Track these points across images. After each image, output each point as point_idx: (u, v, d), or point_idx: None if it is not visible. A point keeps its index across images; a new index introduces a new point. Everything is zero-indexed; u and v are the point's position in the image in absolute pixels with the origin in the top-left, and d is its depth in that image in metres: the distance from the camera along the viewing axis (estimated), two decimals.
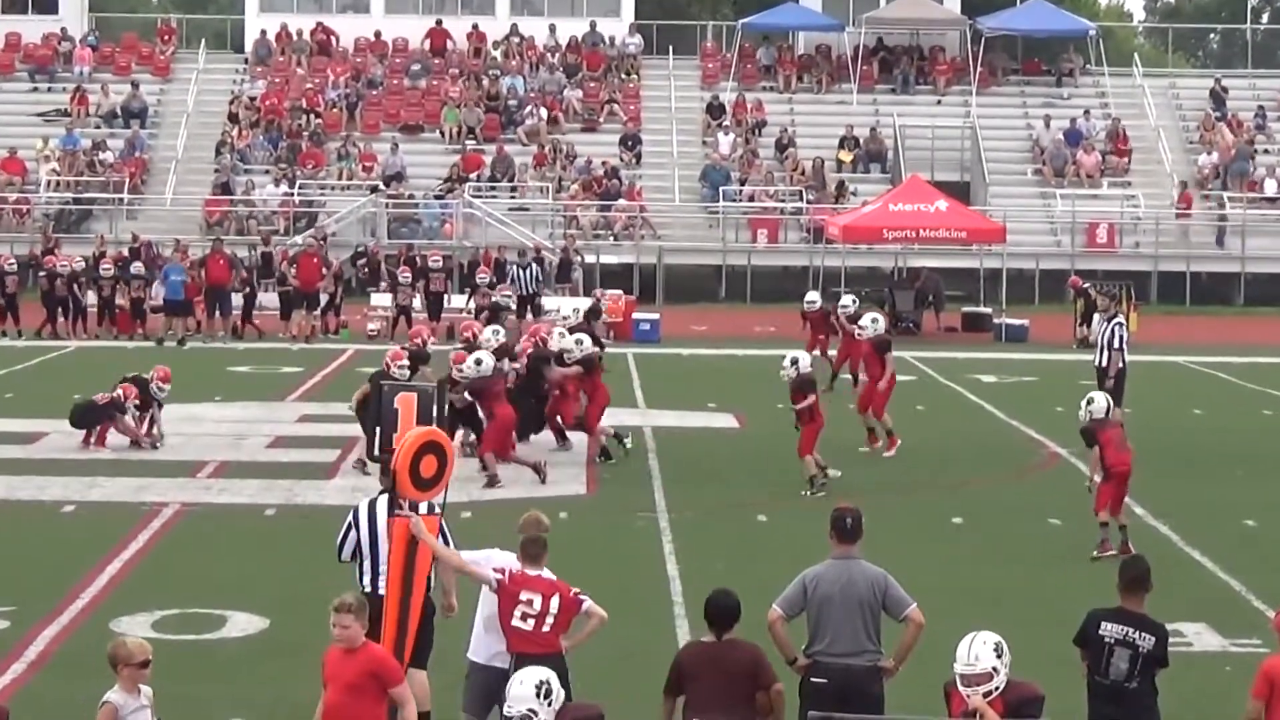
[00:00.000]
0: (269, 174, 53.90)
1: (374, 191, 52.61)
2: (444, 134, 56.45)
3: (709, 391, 32.29)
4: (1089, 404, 19.74)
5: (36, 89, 58.45)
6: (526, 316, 38.76)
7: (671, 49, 61.19)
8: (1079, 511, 20.28)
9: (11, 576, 18.05)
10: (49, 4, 61.46)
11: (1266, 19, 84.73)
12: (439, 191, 53.11)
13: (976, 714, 10.15)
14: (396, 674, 10.64)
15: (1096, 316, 31.19)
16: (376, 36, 60.36)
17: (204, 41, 61.49)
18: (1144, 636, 11.15)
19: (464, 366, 23.55)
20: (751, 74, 60.24)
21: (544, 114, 56.77)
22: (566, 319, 28.46)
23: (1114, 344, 27.79)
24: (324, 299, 41.55)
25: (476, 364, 23.40)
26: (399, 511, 11.78)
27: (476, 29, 60.12)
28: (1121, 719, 11.14)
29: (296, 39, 59.98)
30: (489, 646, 11.92)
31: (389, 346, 29.33)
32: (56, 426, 26.61)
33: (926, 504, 22.54)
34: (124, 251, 43.24)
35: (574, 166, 54.52)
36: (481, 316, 34.07)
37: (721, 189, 53.34)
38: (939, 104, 58.57)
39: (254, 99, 57.24)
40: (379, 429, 12.83)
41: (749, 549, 19.42)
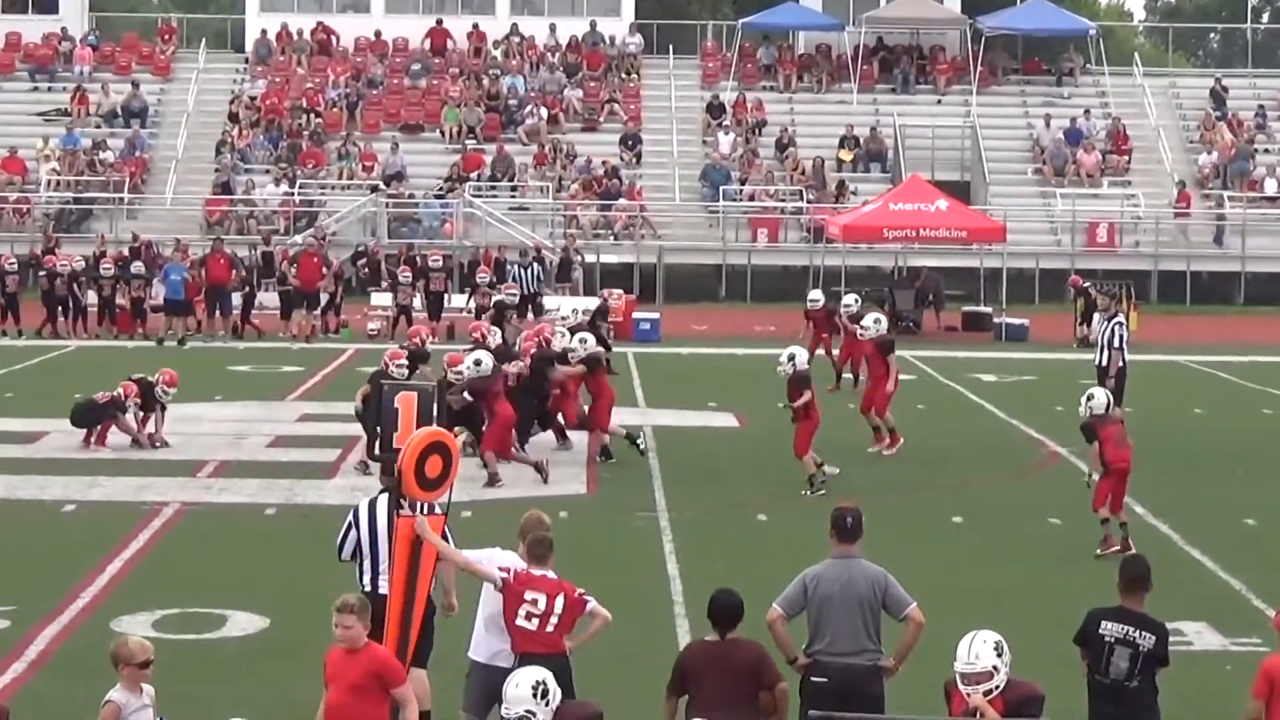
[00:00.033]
0: (269, 173, 53.90)
1: (374, 191, 52.60)
2: (444, 133, 56.45)
3: (709, 391, 32.28)
4: (1089, 400, 19.76)
5: (37, 88, 58.45)
6: (527, 316, 38.74)
7: (672, 48, 61.19)
8: (1079, 511, 20.27)
9: (12, 576, 18.04)
10: (49, 3, 61.45)
11: (1267, 18, 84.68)
12: (439, 191, 53.11)
13: (977, 713, 10.16)
14: (399, 674, 10.64)
15: (1097, 316, 31.18)
16: (377, 36, 60.36)
17: (204, 41, 61.51)
18: (1144, 635, 11.15)
19: (462, 367, 23.54)
20: (752, 73, 60.23)
21: (544, 113, 56.76)
22: (566, 319, 28.44)
23: (1114, 343, 27.78)
24: (324, 298, 41.58)
25: (476, 364, 23.37)
26: (402, 512, 11.77)
27: (477, 28, 60.12)
28: (1122, 718, 11.14)
29: (297, 38, 59.98)
30: (490, 645, 11.92)
31: (389, 346, 29.33)
32: (57, 426, 26.61)
33: (926, 503, 22.54)
34: (124, 251, 43.24)
35: (574, 166, 54.51)
36: (486, 316, 34.03)
37: (722, 188, 53.33)
38: (939, 103, 58.56)
39: (254, 98, 57.23)
40: (379, 428, 12.83)
41: (749, 548, 19.42)
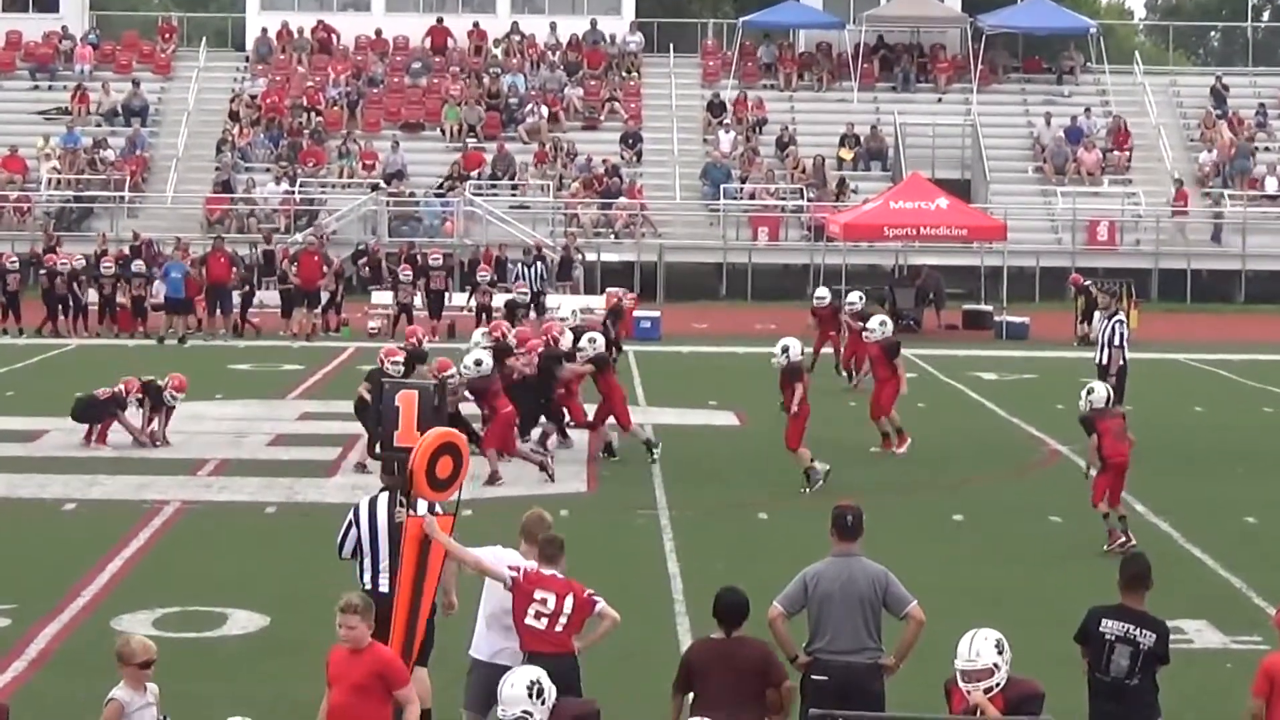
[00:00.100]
0: (270, 172, 53.90)
1: (375, 189, 52.60)
2: (445, 132, 56.44)
3: (709, 389, 32.28)
4: (1089, 393, 19.82)
5: (37, 87, 58.43)
6: (530, 315, 38.72)
7: (672, 47, 61.17)
8: (1080, 509, 20.27)
9: (12, 574, 18.05)
10: (50, 2, 61.43)
11: (1267, 17, 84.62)
12: (440, 190, 53.09)
13: (977, 710, 10.16)
14: (403, 675, 10.63)
15: (1097, 314, 31.19)
16: (377, 34, 60.35)
17: (205, 39, 61.51)
18: (1145, 633, 11.15)
19: (462, 368, 23.47)
20: (752, 72, 60.22)
21: (545, 112, 56.74)
22: (565, 320, 28.39)
23: (1115, 341, 27.78)
24: (325, 297, 41.60)
25: (476, 364, 23.39)
26: (412, 512, 11.77)
27: (477, 27, 60.12)
28: (1122, 716, 11.15)
29: (297, 37, 59.96)
30: (491, 644, 11.93)
31: (390, 345, 29.30)
32: (57, 424, 26.60)
33: (927, 502, 22.54)
34: (125, 249, 43.24)
35: (575, 164, 54.49)
36: (498, 315, 33.99)
37: (722, 187, 53.33)
38: (940, 102, 58.55)
39: (255, 97, 57.22)
40: (380, 427, 12.82)
41: (749, 547, 19.42)
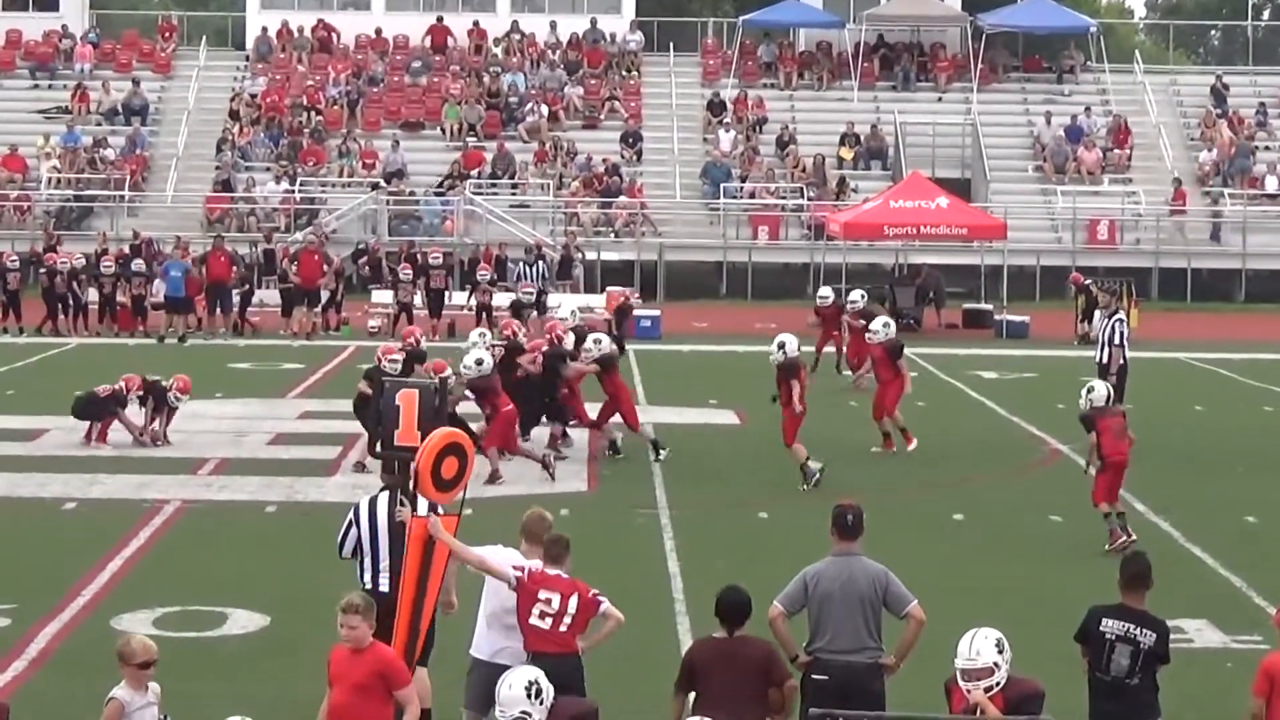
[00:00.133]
0: (270, 171, 53.90)
1: (375, 188, 52.60)
2: (445, 131, 56.43)
3: (710, 388, 32.29)
4: (1089, 392, 19.86)
5: (37, 86, 58.43)
6: (532, 314, 38.65)
7: (672, 46, 61.14)
8: (1080, 508, 20.27)
9: (12, 574, 18.04)
10: (50, 1, 61.42)
11: (1268, 16, 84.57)
12: (440, 189, 53.07)
13: (977, 709, 10.15)
14: (404, 676, 10.63)
15: (1097, 313, 31.18)
16: (377, 33, 60.34)
17: (205, 38, 61.51)
18: (1145, 633, 11.15)
19: (462, 368, 23.45)
20: (752, 71, 60.21)
21: (545, 111, 56.73)
22: (564, 320, 28.39)
23: (1115, 340, 27.77)
24: (325, 296, 41.60)
25: (477, 363, 23.40)
26: (415, 512, 11.76)
27: (477, 26, 60.10)
28: (1122, 715, 11.14)
29: (297, 36, 59.95)
30: (491, 643, 11.93)
31: (390, 344, 29.29)
32: (57, 423, 26.60)
33: (927, 501, 22.54)
34: (125, 249, 43.23)
35: (575, 163, 54.48)
36: (498, 314, 33.93)
37: (722, 186, 53.32)
38: (940, 101, 58.54)
39: (255, 96, 57.21)
40: (380, 426, 12.82)
41: (750, 546, 19.41)
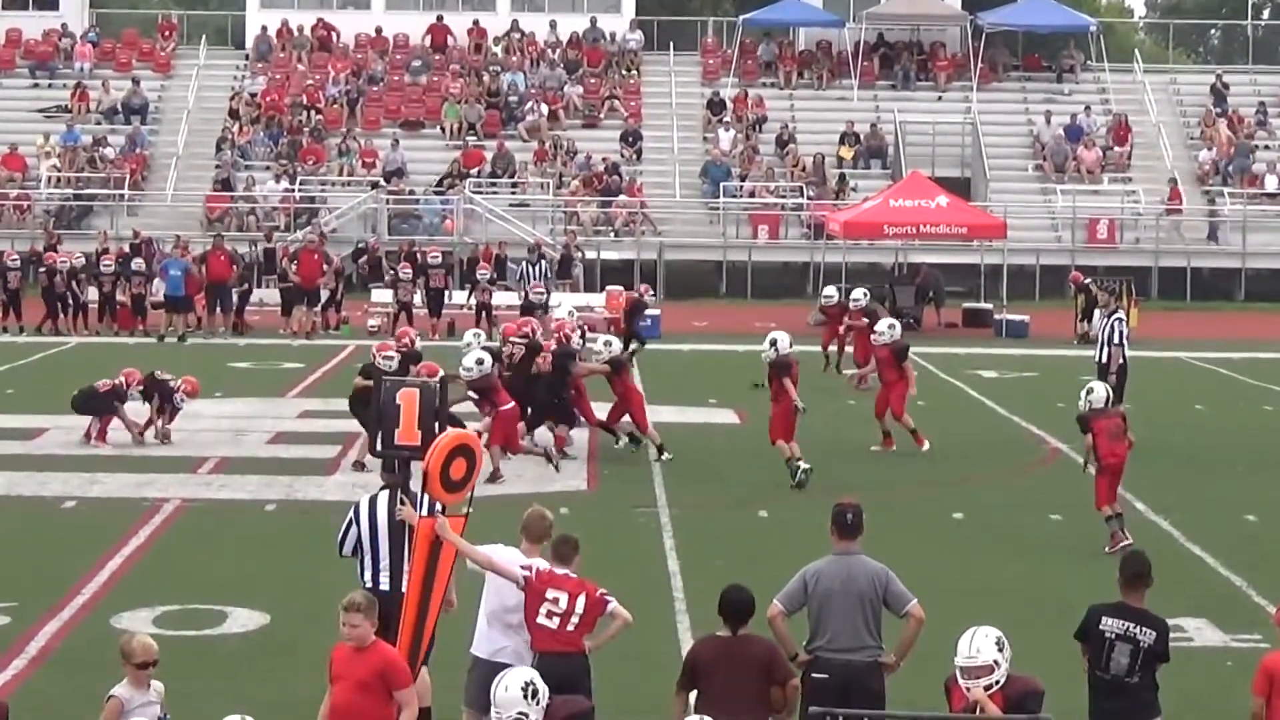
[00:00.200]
0: (270, 170, 53.91)
1: (374, 187, 52.60)
2: (444, 130, 56.44)
3: (710, 387, 32.30)
4: (1089, 393, 19.88)
5: (37, 85, 58.44)
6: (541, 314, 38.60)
7: (672, 45, 61.16)
8: (1080, 507, 20.27)
9: (12, 573, 18.04)
10: (50, 0, 61.44)
11: (1267, 15, 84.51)
12: (439, 188, 53.07)
13: (977, 707, 10.15)
14: (404, 676, 10.61)
15: (1097, 312, 31.15)
16: (377, 32, 60.34)
17: (205, 37, 61.52)
18: (1145, 632, 11.15)
19: (463, 369, 23.44)
20: (752, 70, 60.22)
21: (544, 110, 56.75)
22: (563, 320, 28.36)
23: (1115, 339, 27.77)
24: (325, 295, 41.60)
25: (478, 363, 23.40)
26: (423, 513, 11.76)
27: (477, 25, 60.10)
28: (1123, 714, 11.15)
29: (297, 35, 59.96)
30: (492, 641, 11.92)
31: (383, 341, 29.27)
32: (57, 422, 26.60)
33: (927, 500, 22.54)
34: (125, 248, 43.22)
35: (574, 162, 54.49)
36: (498, 313, 33.87)
37: (722, 185, 53.33)
38: (939, 100, 58.54)
39: (255, 95, 57.22)
40: (380, 426, 12.81)
41: (750, 544, 19.41)
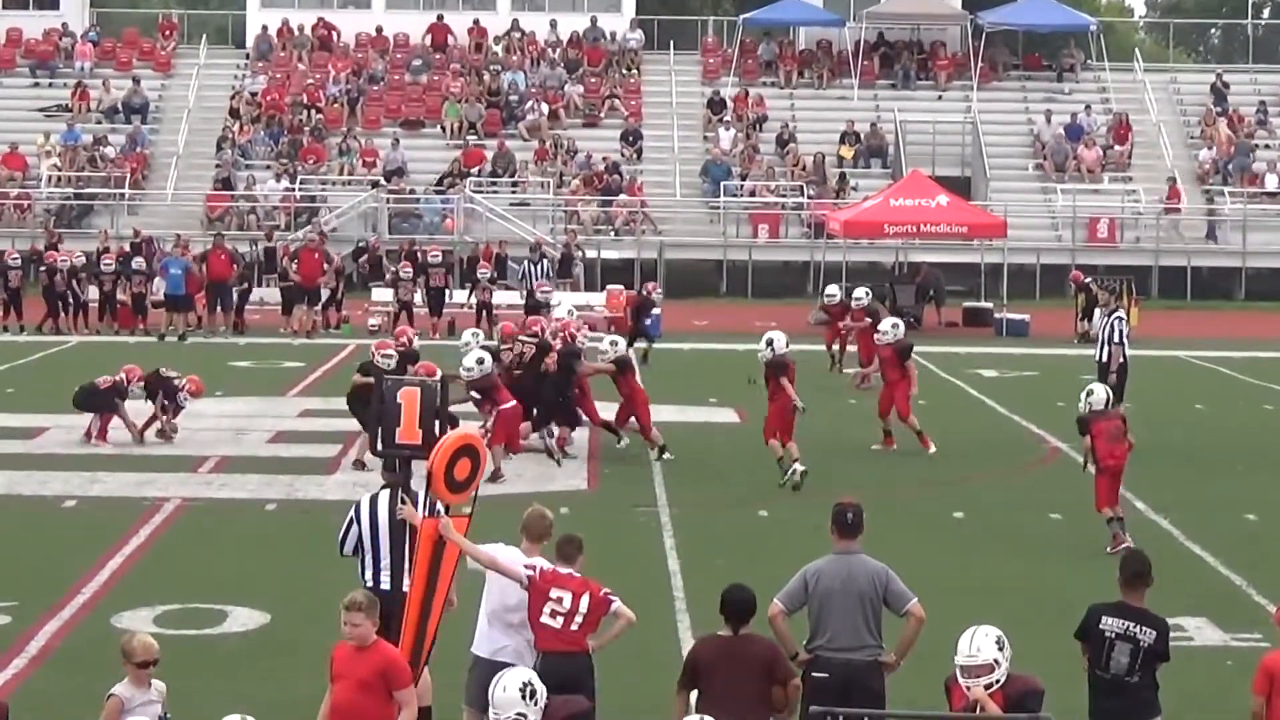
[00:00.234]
0: (270, 169, 53.90)
1: (375, 187, 52.60)
2: (445, 129, 56.44)
3: (710, 386, 32.29)
4: (1089, 395, 19.89)
5: (38, 84, 58.44)
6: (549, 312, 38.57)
7: (672, 44, 61.14)
8: (1080, 507, 20.27)
9: (13, 572, 18.05)
10: (50, 0, 61.44)
11: (1268, 14, 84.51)
12: (440, 187, 53.07)
13: (977, 706, 10.15)
14: (405, 676, 10.61)
15: (1097, 311, 31.16)
16: (378, 32, 60.33)
17: (205, 37, 61.52)
18: (1145, 631, 11.15)
19: (463, 369, 23.44)
20: (752, 69, 60.21)
21: (545, 109, 56.74)
22: (568, 320, 28.40)
23: (1115, 339, 27.78)
24: (325, 294, 41.60)
25: (479, 363, 23.42)
26: (426, 513, 11.76)
27: (477, 24, 60.10)
28: (1123, 713, 11.15)
29: (298, 34, 59.96)
30: (493, 640, 11.93)
31: (381, 339, 29.30)
32: (58, 421, 26.61)
33: (927, 499, 22.55)
34: (125, 247, 43.22)
35: (575, 162, 54.48)
36: (498, 312, 33.83)
37: (722, 184, 53.32)
38: (940, 99, 58.52)
39: (255, 94, 57.21)
40: (381, 425, 12.81)
41: (750, 544, 19.41)
